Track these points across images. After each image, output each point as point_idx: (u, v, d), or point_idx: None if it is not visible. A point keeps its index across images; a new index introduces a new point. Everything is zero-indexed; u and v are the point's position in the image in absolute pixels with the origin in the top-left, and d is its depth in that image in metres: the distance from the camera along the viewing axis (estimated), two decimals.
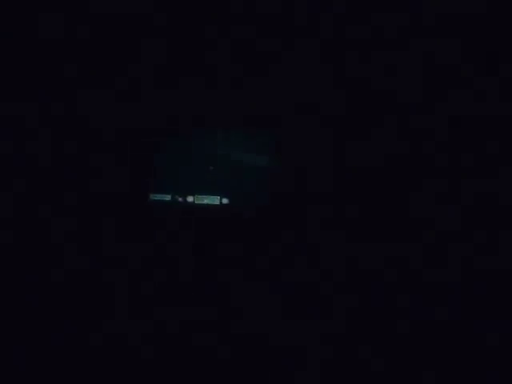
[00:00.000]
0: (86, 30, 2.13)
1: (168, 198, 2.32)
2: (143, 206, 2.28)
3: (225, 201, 2.34)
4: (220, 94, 2.30)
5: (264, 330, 2.01)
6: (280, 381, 1.85)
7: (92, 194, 2.21)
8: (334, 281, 2.15)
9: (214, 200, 2.34)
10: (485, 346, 1.90)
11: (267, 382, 1.84)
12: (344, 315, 2.06)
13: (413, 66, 2.16)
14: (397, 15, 2.05)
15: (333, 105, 2.28)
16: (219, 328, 2.02)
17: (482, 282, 2.00)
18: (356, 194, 2.25)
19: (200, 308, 2.08)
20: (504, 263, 2.00)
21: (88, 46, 2.18)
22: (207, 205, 2.33)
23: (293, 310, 2.09)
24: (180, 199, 2.33)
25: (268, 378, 1.85)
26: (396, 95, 2.20)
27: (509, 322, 1.92)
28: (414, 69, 2.16)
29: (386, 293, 2.10)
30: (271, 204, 2.29)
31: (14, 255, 2.08)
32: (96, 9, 2.08)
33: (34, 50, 2.15)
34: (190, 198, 2.33)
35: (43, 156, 2.17)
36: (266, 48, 2.21)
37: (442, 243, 2.10)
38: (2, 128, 2.12)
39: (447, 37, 2.07)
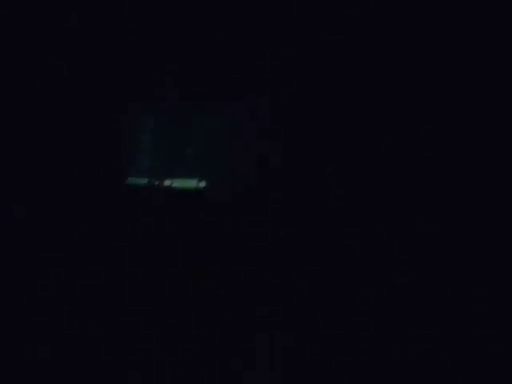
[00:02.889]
0: None
1: (145, 181, 2.27)
2: (119, 190, 2.24)
3: (203, 184, 2.27)
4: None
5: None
6: None
7: (64, 179, 2.18)
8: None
9: (192, 183, 2.27)
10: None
11: None
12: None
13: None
14: None
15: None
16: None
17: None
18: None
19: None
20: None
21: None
22: (185, 188, 2.27)
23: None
24: (157, 183, 2.27)
25: None
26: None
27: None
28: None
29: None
30: (256, 188, 2.21)
31: None
32: None
33: None
34: (167, 182, 2.27)
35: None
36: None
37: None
38: None
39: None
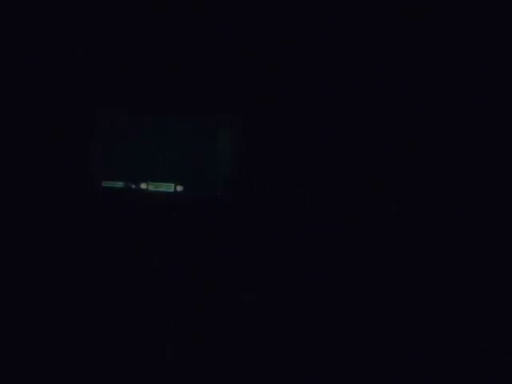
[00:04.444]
0: None
1: (120, 184, 2.27)
2: (94, 193, 2.23)
3: (180, 188, 2.28)
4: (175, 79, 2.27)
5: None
6: None
7: (39, 182, 2.16)
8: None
9: (169, 187, 2.28)
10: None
11: None
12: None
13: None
14: None
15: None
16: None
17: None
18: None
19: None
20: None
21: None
22: (161, 192, 2.27)
23: None
24: (133, 186, 2.27)
25: None
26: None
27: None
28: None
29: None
30: (232, 195, 2.23)
31: None
32: None
33: None
34: (143, 185, 2.28)
35: None
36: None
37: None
38: None
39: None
